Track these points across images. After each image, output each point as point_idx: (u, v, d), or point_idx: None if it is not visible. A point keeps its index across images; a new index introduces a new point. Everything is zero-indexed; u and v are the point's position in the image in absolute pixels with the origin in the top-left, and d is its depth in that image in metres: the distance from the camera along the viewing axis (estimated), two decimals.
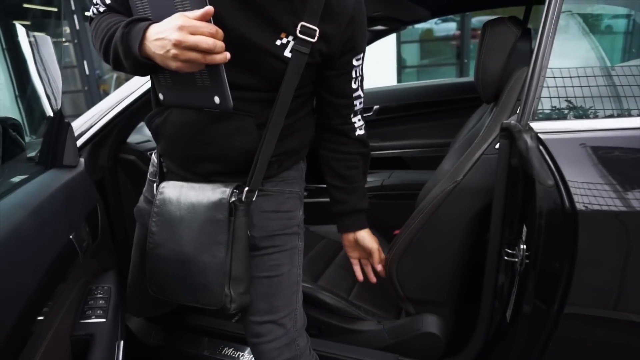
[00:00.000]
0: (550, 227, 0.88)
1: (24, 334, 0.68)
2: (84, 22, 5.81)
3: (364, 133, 1.03)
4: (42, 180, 0.91)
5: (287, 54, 0.84)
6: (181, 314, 1.43)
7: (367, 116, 2.27)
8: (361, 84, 0.98)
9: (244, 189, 0.89)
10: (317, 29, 0.83)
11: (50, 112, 1.01)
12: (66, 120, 1.02)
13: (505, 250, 1.00)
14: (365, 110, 1.31)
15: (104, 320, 0.94)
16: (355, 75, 0.95)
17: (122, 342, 1.01)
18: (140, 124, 1.55)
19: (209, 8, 0.70)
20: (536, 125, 0.92)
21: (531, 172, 0.87)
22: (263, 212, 0.96)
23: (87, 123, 1.34)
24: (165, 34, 0.70)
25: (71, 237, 0.87)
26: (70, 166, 1.03)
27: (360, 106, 1.00)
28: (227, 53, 0.71)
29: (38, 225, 0.77)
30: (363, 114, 1.03)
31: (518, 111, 0.96)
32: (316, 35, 0.83)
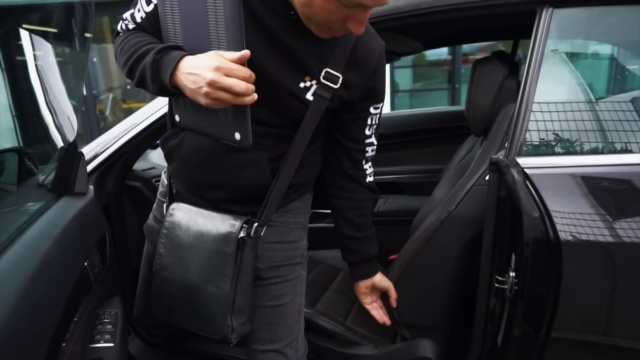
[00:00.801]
0: (536, 255, 0.93)
1: None
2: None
3: (373, 180, 1.04)
4: (57, 208, 0.93)
5: (309, 96, 0.85)
6: (181, 340, 1.45)
7: None
8: (375, 131, 0.98)
9: (253, 224, 0.89)
10: (340, 76, 0.84)
11: (60, 142, 1.03)
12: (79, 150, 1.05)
13: (496, 278, 1.05)
14: None
15: (112, 345, 0.95)
16: (371, 122, 0.96)
17: None
18: (147, 151, 1.60)
19: (246, 52, 0.70)
20: (522, 160, 0.99)
21: (518, 204, 0.93)
22: (268, 242, 0.96)
23: (95, 150, 1.37)
24: (200, 70, 0.70)
25: (85, 264, 0.90)
26: (81, 193, 1.05)
27: (372, 153, 1.00)
28: (256, 95, 0.72)
29: (61, 254, 0.78)
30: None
31: (506, 146, 1.03)
32: (339, 82, 0.84)
